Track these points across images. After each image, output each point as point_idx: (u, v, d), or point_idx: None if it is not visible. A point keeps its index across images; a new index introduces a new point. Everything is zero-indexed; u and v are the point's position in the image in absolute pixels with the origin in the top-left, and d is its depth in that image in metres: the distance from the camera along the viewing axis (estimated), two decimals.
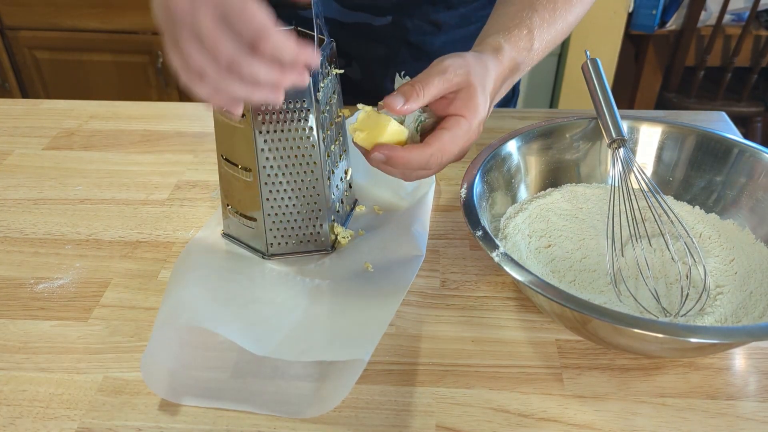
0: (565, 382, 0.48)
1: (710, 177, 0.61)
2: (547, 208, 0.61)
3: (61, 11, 1.85)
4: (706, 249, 0.57)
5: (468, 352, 0.51)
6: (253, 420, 0.45)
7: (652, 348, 0.47)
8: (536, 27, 0.58)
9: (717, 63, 1.95)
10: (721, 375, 0.49)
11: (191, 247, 0.58)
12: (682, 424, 0.45)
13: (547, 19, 0.59)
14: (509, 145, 0.61)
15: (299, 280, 0.56)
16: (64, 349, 0.51)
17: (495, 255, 0.47)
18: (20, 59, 1.97)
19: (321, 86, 0.53)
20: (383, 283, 0.54)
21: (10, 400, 0.47)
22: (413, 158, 0.49)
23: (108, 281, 0.57)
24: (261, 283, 0.56)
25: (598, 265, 0.55)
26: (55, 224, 0.65)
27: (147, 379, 0.46)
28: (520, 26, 0.58)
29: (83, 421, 0.45)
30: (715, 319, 0.50)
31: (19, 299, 0.56)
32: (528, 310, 0.54)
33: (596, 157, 0.65)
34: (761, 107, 1.94)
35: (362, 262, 0.57)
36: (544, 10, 0.59)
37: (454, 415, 0.46)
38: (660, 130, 0.64)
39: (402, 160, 0.49)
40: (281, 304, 0.53)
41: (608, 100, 0.63)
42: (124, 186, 0.71)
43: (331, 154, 0.57)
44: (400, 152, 0.49)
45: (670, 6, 1.89)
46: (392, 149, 0.49)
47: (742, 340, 0.44)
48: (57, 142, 0.79)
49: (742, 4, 1.85)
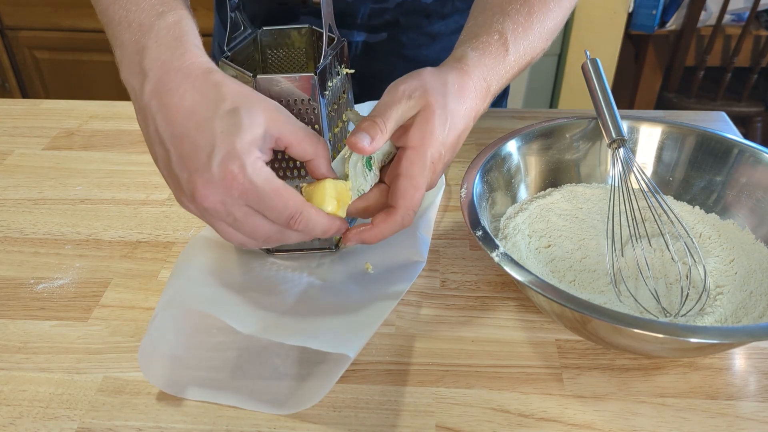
0: (565, 382, 0.48)
1: (710, 177, 0.61)
2: (547, 208, 0.61)
3: (61, 11, 1.85)
4: (706, 249, 0.57)
5: (468, 352, 0.51)
6: (253, 420, 0.45)
7: (652, 348, 0.47)
8: (509, 31, 0.55)
9: (717, 63, 1.95)
10: (721, 375, 0.49)
11: (194, 242, 0.58)
12: (682, 424, 0.45)
13: (522, 23, 0.56)
14: (509, 145, 0.61)
15: (298, 276, 0.56)
16: (64, 349, 0.51)
17: (495, 255, 0.47)
18: (20, 59, 1.97)
19: (329, 85, 0.53)
20: (381, 285, 0.54)
21: (10, 400, 0.47)
22: (386, 230, 0.48)
23: (108, 281, 0.57)
24: (259, 274, 0.56)
25: (598, 265, 0.55)
26: (55, 224, 0.65)
27: (144, 370, 0.46)
28: (489, 32, 0.55)
29: (83, 421, 0.45)
30: (715, 319, 0.50)
31: (19, 299, 0.56)
32: (528, 310, 0.54)
33: (596, 157, 0.65)
34: (761, 107, 1.94)
35: (363, 263, 0.57)
36: (517, 14, 0.56)
37: (454, 415, 0.46)
38: (660, 130, 0.64)
39: (376, 237, 0.49)
40: (276, 294, 0.53)
41: (608, 100, 0.63)
42: (124, 186, 0.71)
43: (338, 153, 0.57)
44: (369, 233, 0.48)
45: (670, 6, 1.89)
46: (360, 233, 0.49)
47: (742, 340, 0.44)
48: (57, 142, 0.79)
49: (742, 4, 1.85)
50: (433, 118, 0.48)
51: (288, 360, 0.49)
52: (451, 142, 0.50)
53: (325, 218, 0.46)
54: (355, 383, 0.48)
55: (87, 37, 1.88)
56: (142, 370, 0.46)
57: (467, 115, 0.51)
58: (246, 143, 0.43)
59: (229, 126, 0.43)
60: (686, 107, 1.93)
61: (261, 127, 0.43)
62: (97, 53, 1.91)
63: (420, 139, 0.48)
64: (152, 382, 0.47)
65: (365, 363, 0.50)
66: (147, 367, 0.46)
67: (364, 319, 0.50)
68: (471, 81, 0.51)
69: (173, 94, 0.44)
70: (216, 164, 0.42)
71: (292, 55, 0.61)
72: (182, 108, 0.44)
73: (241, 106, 0.43)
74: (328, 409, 0.46)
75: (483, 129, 0.80)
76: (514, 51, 0.55)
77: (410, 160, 0.48)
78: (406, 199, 0.48)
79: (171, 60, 0.45)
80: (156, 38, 0.47)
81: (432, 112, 0.48)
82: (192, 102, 0.44)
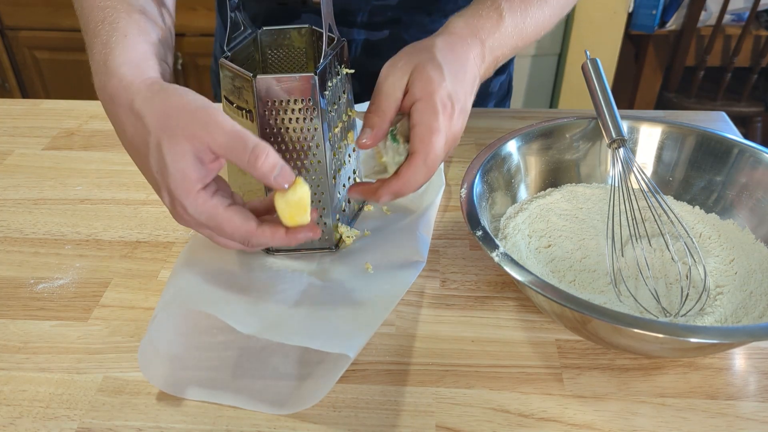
0: (565, 382, 0.48)
1: (710, 177, 0.61)
2: (547, 208, 0.61)
3: (61, 11, 1.85)
4: (706, 249, 0.57)
5: (468, 352, 0.51)
6: (253, 420, 0.45)
7: (652, 348, 0.47)
8: (503, 2, 0.56)
9: (717, 63, 1.95)
10: (721, 375, 0.49)
11: (194, 242, 0.58)
12: (682, 424, 0.45)
13: (518, 4, 0.57)
14: (509, 145, 0.61)
15: (298, 275, 0.56)
16: (64, 349, 0.51)
17: (495, 255, 0.47)
18: (20, 59, 1.97)
19: (329, 85, 0.53)
20: (381, 286, 0.54)
21: (10, 400, 0.47)
22: (412, 177, 0.49)
23: (108, 281, 0.57)
24: (259, 275, 0.56)
25: (598, 265, 0.55)
26: (55, 224, 0.65)
27: (144, 370, 0.46)
28: (482, 2, 0.56)
29: (83, 421, 0.45)
30: (715, 319, 0.50)
31: (20, 299, 0.56)
32: (528, 310, 0.54)
33: (596, 157, 0.65)
34: (761, 107, 1.94)
35: (363, 263, 0.57)
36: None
37: (454, 415, 0.46)
38: (660, 130, 0.64)
39: (405, 185, 0.49)
40: (276, 294, 0.53)
41: (608, 100, 0.63)
42: (124, 186, 0.71)
43: (338, 153, 0.57)
44: (397, 183, 0.49)
45: (670, 6, 1.89)
46: (389, 186, 0.49)
47: (742, 340, 0.44)
48: (57, 142, 0.79)
49: (742, 4, 1.85)
50: (426, 69, 0.49)
51: (288, 360, 0.49)
52: (455, 88, 0.50)
53: (280, 236, 0.46)
54: (355, 383, 0.48)
55: None
56: (142, 370, 0.46)
57: (464, 63, 0.52)
58: (179, 184, 0.43)
59: (160, 167, 0.44)
60: (686, 107, 1.93)
61: (188, 155, 0.43)
62: None
63: (421, 90, 0.49)
64: (152, 383, 0.47)
65: (365, 363, 0.50)
66: (147, 367, 0.46)
67: (364, 319, 0.50)
68: (460, 39, 0.53)
69: (116, 123, 0.47)
70: (168, 203, 0.46)
71: (292, 55, 0.61)
72: (126, 140, 0.47)
73: (162, 140, 0.43)
74: (328, 409, 0.46)
75: (483, 129, 0.80)
76: (510, 16, 0.56)
77: (419, 110, 0.49)
78: (424, 143, 0.48)
79: (104, 87, 0.46)
80: (92, 62, 0.48)
81: (423, 66, 0.49)
82: (131, 134, 0.46)
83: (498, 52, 0.55)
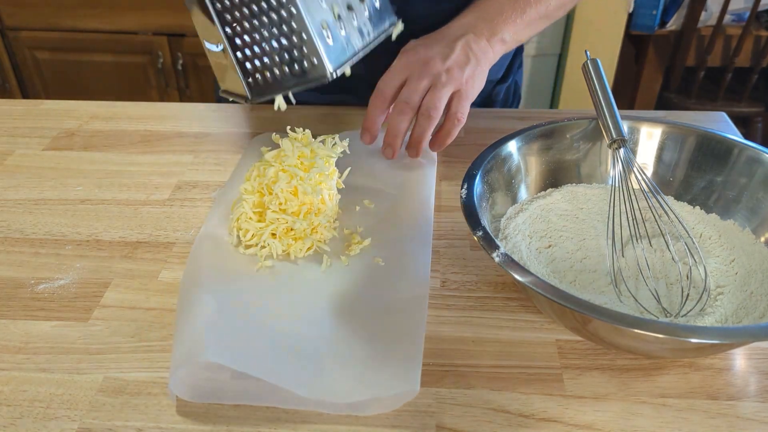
0: (566, 382, 0.48)
1: (711, 177, 0.61)
2: (548, 209, 0.61)
3: (61, 11, 1.85)
4: (706, 249, 0.57)
5: (468, 353, 0.51)
6: (253, 420, 0.45)
7: (652, 348, 0.47)
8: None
9: (717, 63, 1.95)
10: (722, 375, 0.49)
11: (195, 253, 0.56)
12: (683, 425, 0.45)
13: None
14: (509, 145, 0.61)
15: (312, 294, 0.53)
16: (64, 349, 0.51)
17: (495, 255, 0.47)
18: (20, 59, 1.98)
19: None
20: (398, 293, 0.53)
21: (10, 400, 0.47)
22: (369, 112, 0.66)
23: (108, 282, 0.57)
24: (276, 304, 0.52)
25: (599, 266, 0.55)
26: (55, 225, 0.65)
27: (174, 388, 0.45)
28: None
29: (83, 422, 0.45)
30: (715, 320, 0.50)
31: (20, 299, 0.56)
32: (528, 310, 0.54)
33: (596, 157, 0.65)
34: (762, 107, 1.94)
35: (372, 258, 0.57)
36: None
37: (455, 415, 0.46)
38: (660, 131, 0.64)
39: (367, 119, 0.66)
40: (305, 333, 0.50)
41: (608, 100, 0.63)
42: (125, 186, 0.71)
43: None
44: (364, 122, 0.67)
45: (670, 6, 1.89)
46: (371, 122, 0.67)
47: (742, 341, 0.44)
48: (57, 142, 0.79)
49: (742, 4, 1.85)
50: (407, 45, 0.67)
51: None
52: (424, 42, 0.66)
53: None
54: None
55: (87, 37, 1.88)
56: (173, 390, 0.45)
57: (440, 31, 0.68)
58: None
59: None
60: (686, 107, 1.93)
61: None
62: (97, 53, 1.91)
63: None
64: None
65: None
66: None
67: (403, 344, 0.48)
68: (452, 25, 0.67)
69: None
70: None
71: None
72: None
73: None
74: None
75: (483, 129, 0.80)
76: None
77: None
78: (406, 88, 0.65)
79: None
80: None
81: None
82: None
83: (493, 13, 0.69)
